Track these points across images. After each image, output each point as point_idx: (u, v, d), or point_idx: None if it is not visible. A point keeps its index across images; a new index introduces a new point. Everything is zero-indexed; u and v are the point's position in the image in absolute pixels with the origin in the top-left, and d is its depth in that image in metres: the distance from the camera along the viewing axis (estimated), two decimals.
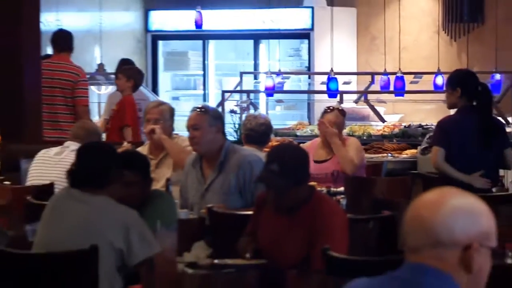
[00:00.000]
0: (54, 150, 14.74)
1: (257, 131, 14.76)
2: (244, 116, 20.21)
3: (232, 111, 21.57)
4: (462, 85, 14.56)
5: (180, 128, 14.99)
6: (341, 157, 14.79)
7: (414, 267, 4.50)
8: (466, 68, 20.33)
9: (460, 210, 4.47)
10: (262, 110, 24.25)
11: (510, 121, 20.71)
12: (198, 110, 13.51)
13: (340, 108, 16.82)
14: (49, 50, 21.02)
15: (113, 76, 21.88)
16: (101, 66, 23.63)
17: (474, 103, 14.26)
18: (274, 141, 17.75)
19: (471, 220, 4.41)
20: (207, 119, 13.10)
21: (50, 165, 14.21)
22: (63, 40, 19.71)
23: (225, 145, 13.21)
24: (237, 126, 20.38)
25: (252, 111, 21.21)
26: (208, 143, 12.92)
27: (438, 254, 4.48)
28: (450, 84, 15.02)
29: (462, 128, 13.83)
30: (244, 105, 21.59)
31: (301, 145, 15.15)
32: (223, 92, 23.52)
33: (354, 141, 15.92)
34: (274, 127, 17.96)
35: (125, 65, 21.57)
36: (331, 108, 16.00)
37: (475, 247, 4.25)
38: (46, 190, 12.65)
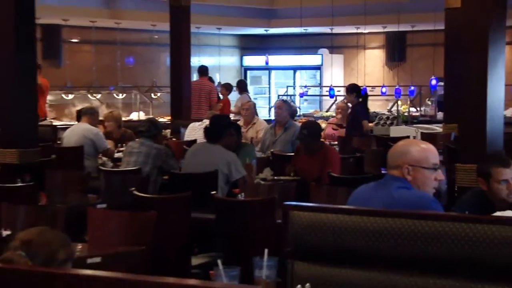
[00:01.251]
0: (198, 123, 20.65)
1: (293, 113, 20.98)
2: None
3: None
4: (356, 91, 23.14)
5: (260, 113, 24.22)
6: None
7: (388, 176, 7.65)
8: (355, 83, 26.12)
9: (400, 149, 7.56)
10: (297, 104, 34.36)
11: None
12: (282, 100, 21.80)
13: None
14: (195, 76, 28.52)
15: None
16: (219, 84, 30.75)
17: (360, 100, 22.97)
18: (304, 119, 27.84)
19: (405, 154, 7.37)
20: (285, 105, 19.36)
21: (195, 131, 20.06)
22: (203, 70, 27.25)
23: (289, 119, 19.10)
24: None
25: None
26: (283, 117, 18.85)
27: (396, 169, 7.26)
28: (350, 91, 23.87)
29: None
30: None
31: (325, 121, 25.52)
32: (279, 95, 35.16)
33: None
34: (302, 112, 32.52)
35: (227, 84, 30.44)
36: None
37: (405, 167, 7.29)
38: (192, 143, 17.16)
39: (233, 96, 28.18)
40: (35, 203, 10.87)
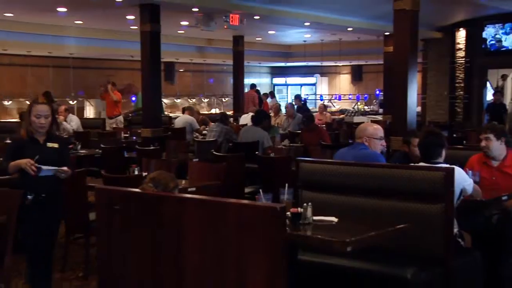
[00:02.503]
0: (247, 114, 17.84)
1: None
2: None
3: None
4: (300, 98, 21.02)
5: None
6: None
7: (355, 143, 7.46)
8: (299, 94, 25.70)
9: (362, 128, 7.43)
10: None
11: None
12: (290, 104, 19.86)
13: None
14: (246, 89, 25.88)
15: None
16: (263, 93, 26.72)
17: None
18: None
19: (364, 131, 7.21)
20: (292, 106, 18.09)
21: (246, 119, 17.01)
22: (252, 86, 25.53)
23: (295, 113, 17.37)
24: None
25: None
26: (291, 112, 17.29)
27: (360, 139, 7.10)
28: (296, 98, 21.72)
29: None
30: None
31: None
32: (292, 101, 27.07)
33: None
34: None
35: (266, 94, 27.17)
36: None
37: (365, 138, 7.13)
38: (244, 125, 15.29)
39: (268, 100, 27.43)
40: (160, 158, 10.75)
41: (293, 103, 20.04)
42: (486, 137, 7.05)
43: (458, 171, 5.86)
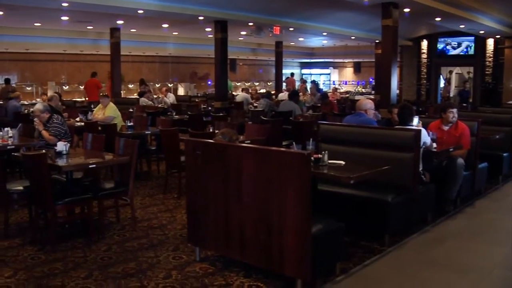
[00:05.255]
0: (284, 93, 18.13)
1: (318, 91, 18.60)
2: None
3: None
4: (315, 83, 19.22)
5: None
6: None
7: (357, 112, 7.22)
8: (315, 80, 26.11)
9: (361, 103, 7.41)
10: (320, 87, 28.29)
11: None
12: (313, 83, 18.19)
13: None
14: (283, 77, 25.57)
15: None
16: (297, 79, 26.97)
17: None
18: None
19: (364, 104, 7.19)
20: (314, 86, 17.03)
21: (284, 95, 16.73)
22: (291, 74, 24.80)
23: (316, 92, 16.48)
24: None
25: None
26: (313, 91, 16.47)
27: (361, 110, 7.17)
28: (311, 83, 19.57)
29: None
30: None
31: None
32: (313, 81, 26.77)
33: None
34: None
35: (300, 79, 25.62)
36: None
37: (364, 109, 6.95)
38: (283, 100, 15.26)
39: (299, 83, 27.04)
40: (226, 121, 10.63)
41: (311, 86, 19.66)
42: (454, 112, 7.15)
43: (423, 131, 6.03)
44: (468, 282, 4.56)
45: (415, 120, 6.50)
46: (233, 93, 20.62)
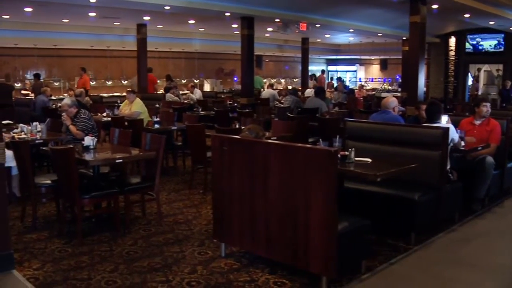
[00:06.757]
0: (310, 89, 18.04)
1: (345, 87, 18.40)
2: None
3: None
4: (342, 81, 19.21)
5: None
6: None
7: (383, 110, 7.23)
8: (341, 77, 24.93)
9: (388, 100, 7.32)
10: (347, 84, 28.20)
11: None
12: (339, 81, 17.97)
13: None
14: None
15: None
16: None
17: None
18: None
19: (390, 102, 7.15)
20: (341, 84, 17.17)
21: (310, 91, 16.78)
22: (322, 71, 24.76)
23: (343, 88, 16.54)
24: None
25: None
26: (341, 89, 16.53)
27: (386, 108, 6.95)
28: (338, 80, 19.97)
29: None
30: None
31: None
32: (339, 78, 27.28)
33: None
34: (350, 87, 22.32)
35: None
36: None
37: (391, 107, 6.93)
38: (309, 96, 15.33)
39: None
40: (252, 117, 10.44)
41: (338, 83, 19.45)
42: (488, 106, 7.12)
43: (451, 128, 6.00)
44: (495, 283, 4.50)
45: (444, 118, 6.42)
46: (265, 89, 20.58)
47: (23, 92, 17.32)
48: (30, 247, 5.19)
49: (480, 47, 23.57)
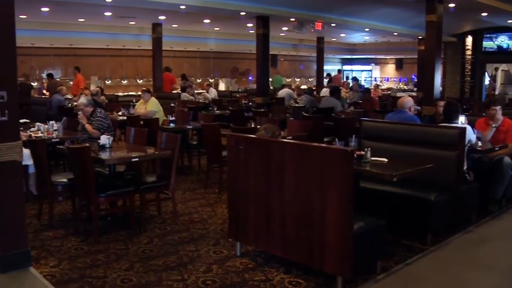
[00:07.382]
0: (326, 89, 17.66)
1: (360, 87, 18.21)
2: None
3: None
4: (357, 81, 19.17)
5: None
6: None
7: (399, 109, 7.14)
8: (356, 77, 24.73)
9: (403, 100, 7.25)
10: (362, 83, 28.39)
11: None
12: (354, 81, 18.11)
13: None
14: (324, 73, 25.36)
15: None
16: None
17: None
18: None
19: (406, 102, 7.05)
20: (355, 84, 16.99)
21: (325, 91, 16.64)
22: (339, 71, 24.41)
23: (358, 88, 16.40)
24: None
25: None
26: (356, 88, 16.46)
27: (402, 108, 6.89)
28: (353, 80, 19.70)
29: None
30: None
31: None
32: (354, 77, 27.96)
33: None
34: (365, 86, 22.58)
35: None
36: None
37: (406, 106, 6.84)
38: (324, 96, 15.16)
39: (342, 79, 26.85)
40: (267, 117, 10.37)
41: (353, 83, 19.37)
42: (498, 109, 7.05)
43: (468, 128, 5.97)
44: None
45: (461, 118, 6.39)
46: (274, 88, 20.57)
47: (44, 92, 17.27)
48: (46, 244, 5.23)
49: (497, 47, 23.18)
